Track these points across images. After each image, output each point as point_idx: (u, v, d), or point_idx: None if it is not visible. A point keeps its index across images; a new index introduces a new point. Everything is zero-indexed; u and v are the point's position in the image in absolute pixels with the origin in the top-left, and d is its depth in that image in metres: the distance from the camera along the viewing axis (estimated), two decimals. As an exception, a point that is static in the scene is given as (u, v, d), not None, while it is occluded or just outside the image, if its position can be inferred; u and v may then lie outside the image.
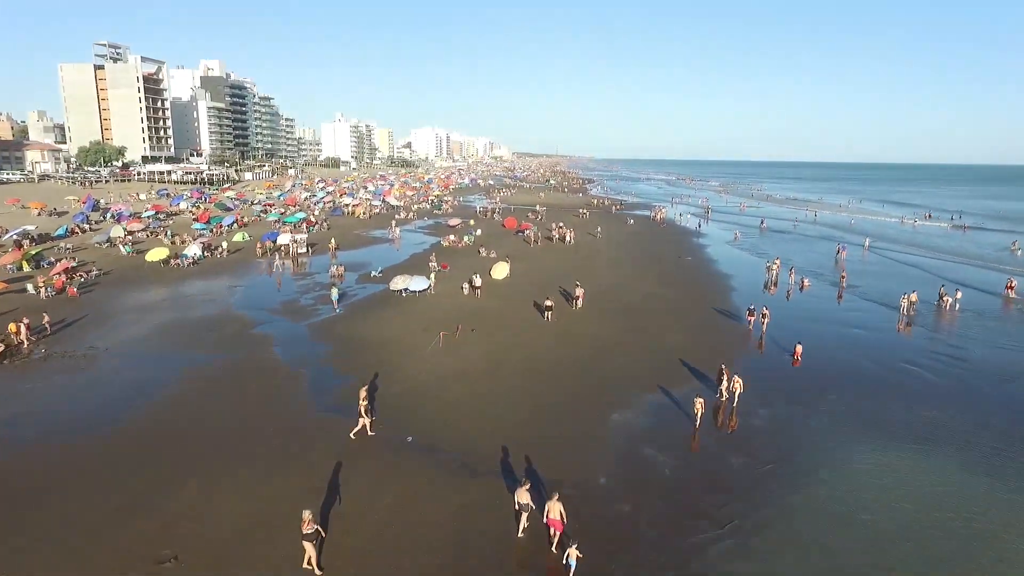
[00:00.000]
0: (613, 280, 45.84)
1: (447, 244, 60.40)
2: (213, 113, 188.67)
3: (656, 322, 34.49)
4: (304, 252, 53.92)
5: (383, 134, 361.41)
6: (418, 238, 67.06)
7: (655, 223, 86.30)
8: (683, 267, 52.68)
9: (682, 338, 31.65)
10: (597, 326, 33.51)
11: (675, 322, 34.62)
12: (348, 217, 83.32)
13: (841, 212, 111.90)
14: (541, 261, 52.96)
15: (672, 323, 34.37)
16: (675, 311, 37.15)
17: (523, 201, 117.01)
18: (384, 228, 72.40)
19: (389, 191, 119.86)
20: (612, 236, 70.35)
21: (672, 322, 34.56)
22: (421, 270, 46.47)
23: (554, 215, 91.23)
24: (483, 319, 33.93)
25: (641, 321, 34.69)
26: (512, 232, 70.98)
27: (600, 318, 35.04)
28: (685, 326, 33.92)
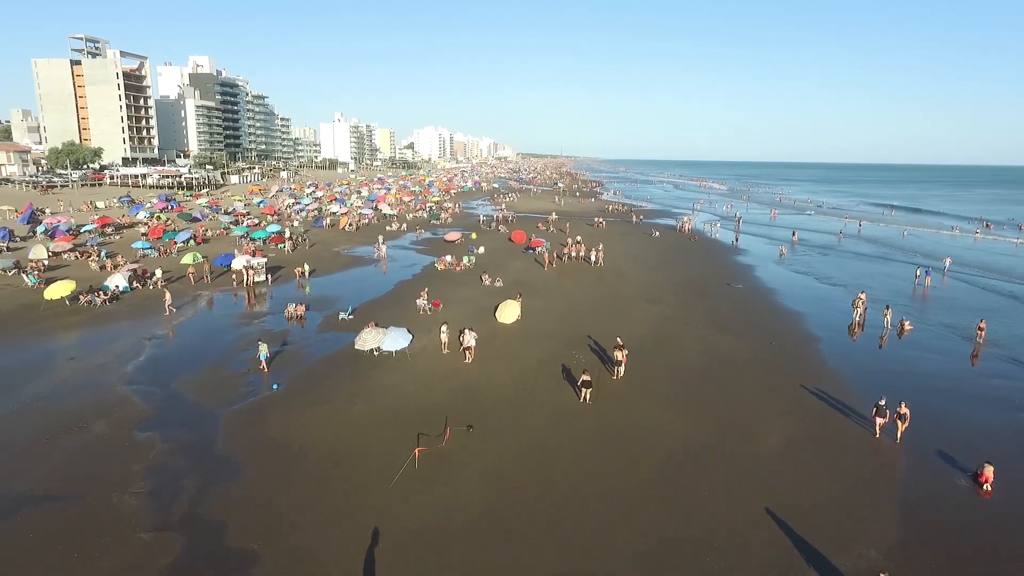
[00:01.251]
0: (654, 323, 35.02)
1: (442, 267, 49.67)
2: (202, 112, 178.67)
3: (735, 407, 23.64)
4: (263, 280, 43.27)
5: (384, 134, 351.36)
6: (409, 257, 56.32)
7: (684, 235, 75.42)
8: (736, 300, 41.81)
9: (781, 442, 20.83)
10: (654, 413, 22.74)
11: (762, 406, 23.76)
12: (330, 230, 72.64)
13: (882, 224, 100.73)
14: (560, 293, 42.17)
15: (759, 409, 23.49)
16: (753, 384, 26.25)
17: (531, 208, 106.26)
18: (371, 243, 61.78)
19: (384, 196, 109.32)
20: (639, 254, 59.53)
21: (758, 407, 23.68)
22: (405, 311, 35.75)
23: (567, 224, 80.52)
24: (485, 404, 23.20)
25: (714, 403, 23.85)
26: (520, 248, 60.30)
27: (654, 396, 24.26)
28: (778, 414, 23.05)
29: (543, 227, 77.57)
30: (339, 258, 54.64)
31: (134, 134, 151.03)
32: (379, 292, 41.48)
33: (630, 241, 68.42)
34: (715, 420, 22.30)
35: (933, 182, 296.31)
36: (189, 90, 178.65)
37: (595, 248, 53.46)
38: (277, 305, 37.29)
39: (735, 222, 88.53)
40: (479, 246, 58.81)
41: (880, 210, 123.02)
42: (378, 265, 52.20)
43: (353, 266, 51.36)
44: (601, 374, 26.06)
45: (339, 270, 49.45)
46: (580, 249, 54.88)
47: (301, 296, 40.17)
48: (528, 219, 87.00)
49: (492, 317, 34.87)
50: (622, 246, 64.33)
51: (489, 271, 46.79)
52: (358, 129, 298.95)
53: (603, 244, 57.86)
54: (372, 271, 49.78)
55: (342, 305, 36.71)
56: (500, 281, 43.76)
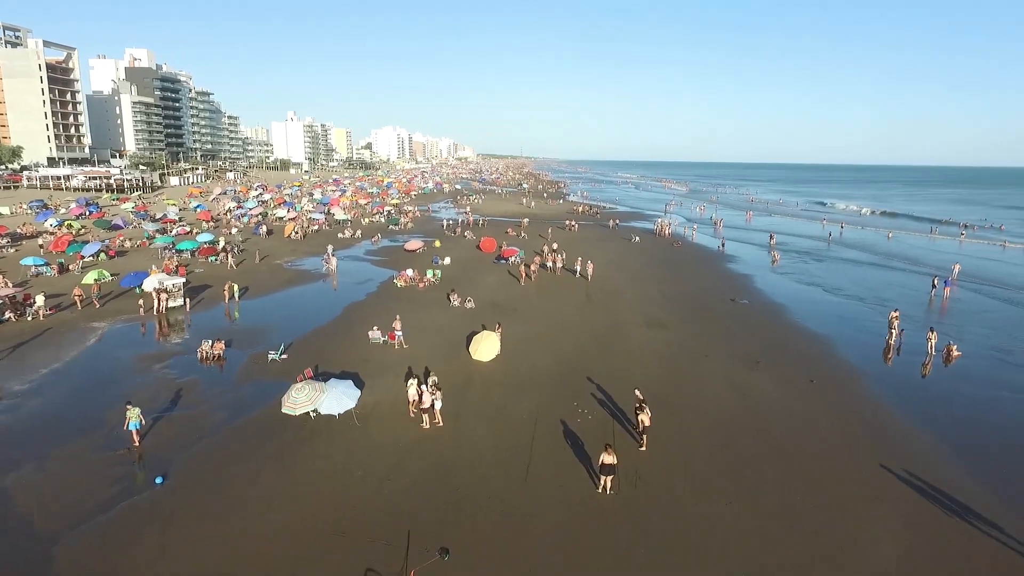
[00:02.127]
0: (665, 356, 28.67)
1: (402, 284, 42.39)
2: (140, 109, 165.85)
3: (805, 490, 17.30)
4: (181, 305, 35.29)
5: (340, 134, 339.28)
6: (363, 271, 48.75)
7: (665, 240, 69.83)
8: (748, 320, 35.86)
9: (895, 553, 14.58)
10: (705, 506, 16.20)
11: (838, 485, 17.50)
12: (273, 238, 64.34)
13: (860, 227, 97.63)
14: (544, 316, 35.43)
15: (837, 492, 17.21)
16: (814, 446, 20.05)
17: (498, 210, 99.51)
18: (320, 254, 54.01)
19: (338, 199, 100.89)
20: (624, 263, 53.38)
21: (834, 488, 17.41)
22: (354, 345, 28.52)
23: (539, 228, 74.10)
24: (464, 505, 16.27)
25: (775, 484, 17.46)
26: (491, 258, 53.46)
27: (698, 478, 17.69)
28: (865, 500, 16.81)
29: (513, 232, 70.96)
30: (280, 273, 46.68)
31: (60, 132, 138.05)
32: (324, 319, 33.97)
33: (610, 248, 62.32)
34: (789, 515, 15.91)
35: (889, 182, 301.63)
36: (125, 85, 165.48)
37: (583, 259, 46.83)
38: (195, 339, 29.53)
39: (715, 226, 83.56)
40: (444, 256, 51.69)
41: (855, 212, 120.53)
42: (326, 281, 44.54)
43: (296, 283, 43.56)
44: (604, 432, 19.47)
45: (278, 289, 41.63)
46: (559, 259, 48.35)
47: (224, 327, 32.41)
48: (496, 223, 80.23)
49: (464, 352, 27.97)
50: (603, 254, 58.13)
51: (458, 288, 39.80)
52: (312, 128, 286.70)
53: (583, 252, 51.51)
54: (318, 290, 42.09)
55: (274, 340, 29.20)
56: (471, 302, 36.80)
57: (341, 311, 35.68)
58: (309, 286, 42.79)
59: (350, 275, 46.53)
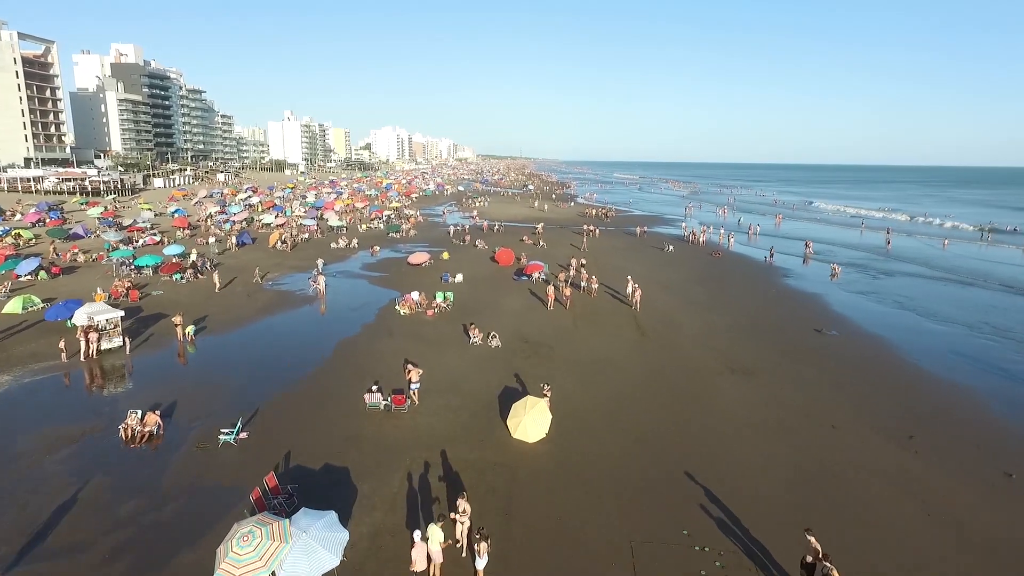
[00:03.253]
0: (777, 429, 20.52)
1: (407, 311, 34.22)
2: (126, 107, 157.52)
3: None
4: (120, 346, 27.14)
5: (339, 134, 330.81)
6: (359, 292, 40.55)
7: (700, 249, 61.72)
8: (856, 362, 27.70)
9: None
10: None
11: None
12: (254, 250, 56.17)
13: (897, 233, 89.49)
14: (594, 363, 27.19)
15: None
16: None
17: (507, 214, 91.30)
18: (308, 269, 45.92)
19: (333, 202, 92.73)
20: (667, 279, 45.19)
21: None
22: (344, 418, 20.30)
23: (556, 235, 66.00)
24: None
25: None
26: (509, 273, 45.33)
27: None
28: None
29: (530, 241, 62.83)
30: (257, 296, 38.43)
31: (40, 131, 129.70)
32: (305, 366, 25.78)
33: (644, 260, 54.24)
34: None
35: (897, 183, 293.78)
36: (111, 82, 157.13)
37: (631, 282, 38.40)
38: (129, 400, 21.41)
39: (748, 234, 75.31)
40: (455, 272, 43.55)
41: (878, 215, 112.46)
42: (313, 306, 36.35)
43: (274, 310, 35.32)
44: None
45: (251, 319, 33.40)
46: (594, 278, 40.15)
47: (173, 379, 24.24)
48: (509, 230, 72.11)
49: (499, 423, 19.89)
50: (638, 266, 50.10)
51: (476, 316, 31.70)
52: (310, 128, 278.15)
53: (614, 265, 43.45)
54: (301, 319, 33.85)
55: (232, 404, 21.08)
56: (497, 339, 28.66)
57: (330, 352, 27.48)
58: (291, 314, 34.54)
59: (343, 297, 38.32)
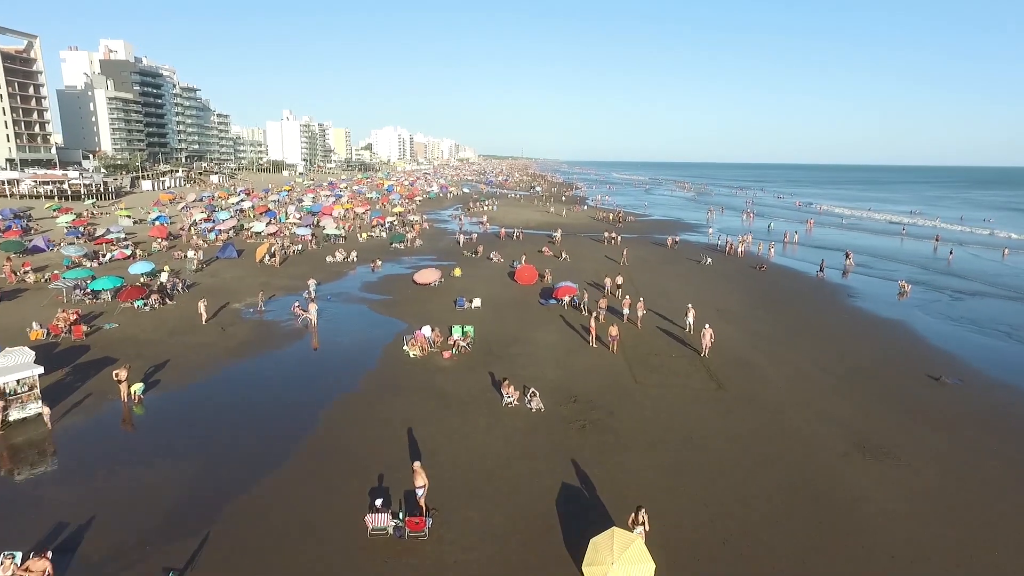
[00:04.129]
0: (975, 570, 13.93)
1: (418, 353, 27.51)
2: (117, 105, 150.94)
3: None
4: (36, 414, 20.47)
5: (339, 134, 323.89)
6: (357, 323, 33.73)
7: (740, 260, 55.07)
8: (1005, 430, 21.10)
9: None
10: None
11: None
12: (238, 265, 49.56)
13: (960, 244, 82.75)
14: (666, 432, 20.53)
15: None
16: None
17: (518, 219, 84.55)
18: (298, 290, 39.32)
19: (331, 207, 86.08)
20: (718, 301, 38.38)
21: None
22: (335, 553, 13.55)
23: (576, 244, 59.35)
24: None
25: None
26: (534, 295, 38.65)
27: None
28: None
29: (549, 252, 56.23)
30: (234, 330, 31.65)
31: (23, 130, 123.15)
32: (283, 450, 19.08)
33: (683, 275, 47.61)
34: None
35: (901, 183, 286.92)
36: (100, 79, 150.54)
37: (691, 311, 31.59)
38: (28, 514, 14.80)
39: (785, 242, 68.55)
40: (471, 296, 36.85)
41: (911, 221, 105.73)
42: (301, 344, 29.66)
43: (252, 350, 28.56)
44: None
45: (221, 365, 26.67)
46: (641, 304, 33.46)
47: (101, 465, 17.61)
48: (527, 238, 65.48)
49: (570, 567, 13.24)
50: (679, 284, 43.50)
51: (503, 361, 25.09)
52: (309, 128, 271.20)
53: (652, 282, 36.80)
54: (284, 367, 26.97)
55: (169, 526, 14.46)
56: (536, 397, 21.99)
57: (319, 420, 20.84)
58: (273, 357, 27.81)
59: (338, 332, 31.61)
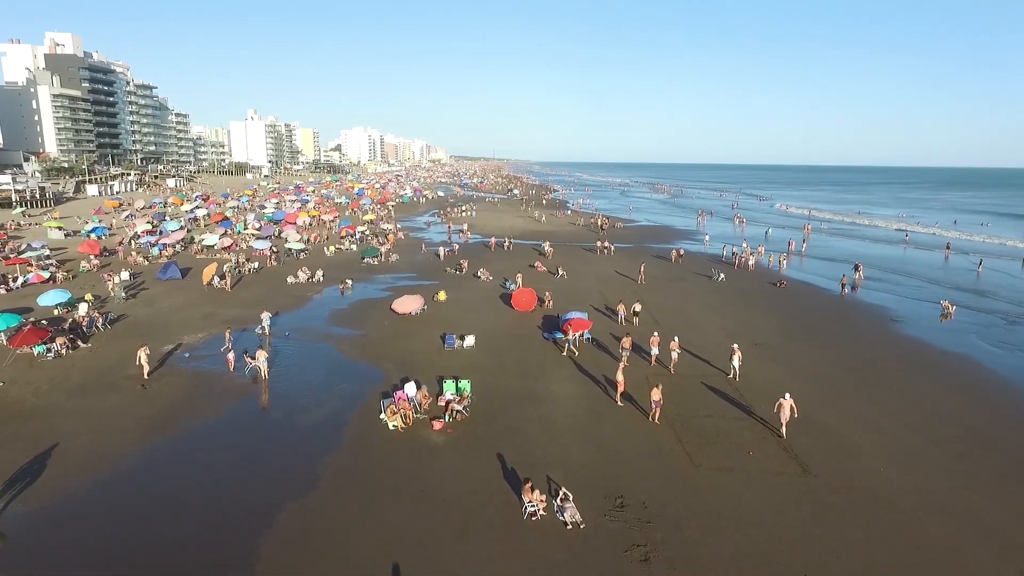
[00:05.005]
0: None
1: (397, 424, 20.85)
2: (63, 103, 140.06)
3: None
4: None
5: (307, 135, 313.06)
6: (322, 374, 26.73)
7: (751, 275, 49.63)
8: None
9: None
10: None
11: None
12: (181, 289, 42.25)
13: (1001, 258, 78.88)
14: (756, 562, 14.49)
15: None
16: None
17: (499, 226, 78.12)
18: (251, 324, 32.29)
19: (295, 214, 78.52)
20: (746, 330, 32.56)
21: None
22: None
23: (569, 256, 53.22)
24: None
25: None
26: (535, 325, 32.21)
27: None
28: None
29: (542, 267, 49.98)
30: (159, 385, 24.62)
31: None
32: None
33: (698, 293, 41.82)
34: None
35: (873, 184, 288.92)
36: (44, 75, 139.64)
37: (736, 354, 25.49)
38: None
39: (789, 251, 63.28)
40: (462, 331, 30.32)
41: (912, 228, 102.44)
42: (243, 408, 22.78)
43: (176, 422, 21.43)
44: None
45: (129, 447, 19.61)
46: (676, 344, 27.23)
47: None
48: (518, 249, 59.08)
49: None
50: (698, 306, 37.65)
51: (516, 438, 18.70)
52: (275, 128, 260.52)
53: (660, 303, 30.87)
54: (215, 450, 19.97)
55: None
56: (571, 505, 15.67)
57: (260, 558, 14.17)
58: (202, 432, 20.80)
59: (295, 386, 24.73)
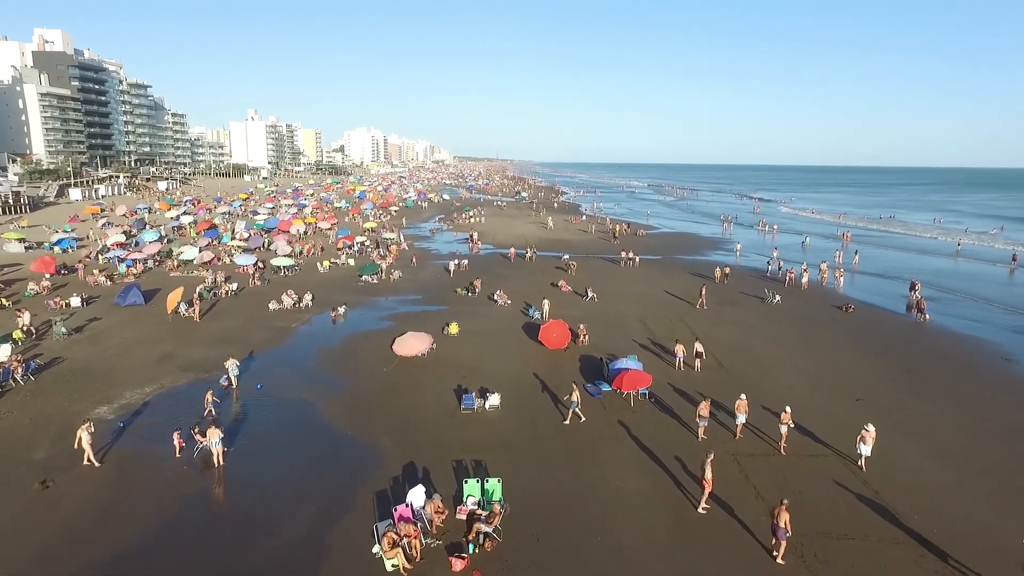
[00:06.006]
0: None
1: (401, 564, 14.24)
2: (51, 103, 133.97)
3: None
4: None
5: (309, 135, 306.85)
6: (293, 456, 20.25)
7: (807, 295, 42.90)
8: None
9: None
10: None
11: None
12: (140, 320, 35.69)
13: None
14: None
15: None
16: None
17: (510, 234, 71.44)
18: (218, 371, 25.69)
19: (290, 221, 72.01)
20: (853, 382, 25.89)
21: None
22: None
23: (593, 270, 46.59)
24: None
25: None
26: (570, 370, 25.44)
27: None
28: None
29: (566, 287, 43.33)
30: (69, 483, 18.06)
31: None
32: None
33: (757, 323, 35.09)
34: None
35: (901, 186, 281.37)
36: (31, 73, 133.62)
37: (868, 439, 18.69)
38: None
39: (837, 265, 56.36)
40: (477, 380, 23.73)
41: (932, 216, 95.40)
42: (187, 517, 16.23)
43: (75, 556, 15.16)
44: None
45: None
46: (788, 418, 20.31)
47: None
48: (542, 261, 52.38)
49: None
50: (766, 342, 30.92)
51: (571, 565, 12.08)
52: (276, 129, 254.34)
53: (718, 333, 24.22)
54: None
55: None
56: None
57: None
58: (107, 567, 14.37)
59: (258, 480, 18.06)
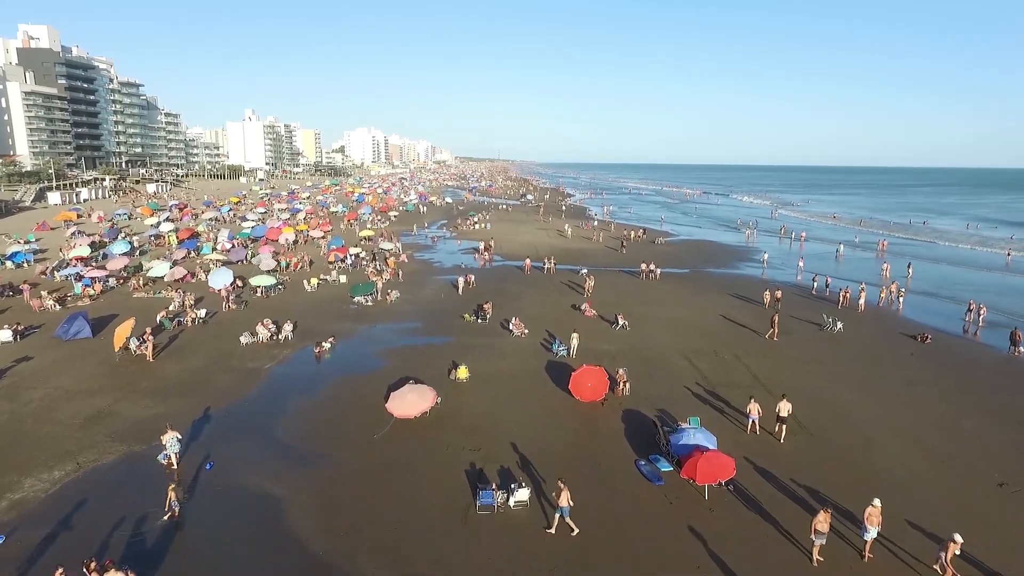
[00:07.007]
0: None
1: None
2: (36, 101, 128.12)
3: None
4: None
5: (308, 136, 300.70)
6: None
7: (866, 318, 36.79)
8: None
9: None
10: None
11: None
12: (90, 352, 29.53)
13: None
14: None
15: None
16: None
17: (520, 242, 65.23)
18: (155, 442, 19.53)
19: (280, 228, 65.92)
20: (963, 450, 19.86)
21: None
22: None
23: (615, 288, 40.53)
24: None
25: None
26: (603, 432, 19.34)
27: None
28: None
29: (591, 311, 37.16)
30: None
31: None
32: None
33: (821, 362, 28.95)
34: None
35: (917, 187, 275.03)
36: (16, 70, 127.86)
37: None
38: None
39: (884, 281, 50.15)
40: (508, 488, 17.63)
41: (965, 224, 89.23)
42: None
43: None
44: None
45: None
46: (876, 516, 14.37)
47: None
48: (563, 274, 46.24)
49: None
50: (839, 390, 24.76)
51: None
52: (275, 129, 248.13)
53: (783, 377, 18.17)
54: None
55: None
56: None
57: None
58: None
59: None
